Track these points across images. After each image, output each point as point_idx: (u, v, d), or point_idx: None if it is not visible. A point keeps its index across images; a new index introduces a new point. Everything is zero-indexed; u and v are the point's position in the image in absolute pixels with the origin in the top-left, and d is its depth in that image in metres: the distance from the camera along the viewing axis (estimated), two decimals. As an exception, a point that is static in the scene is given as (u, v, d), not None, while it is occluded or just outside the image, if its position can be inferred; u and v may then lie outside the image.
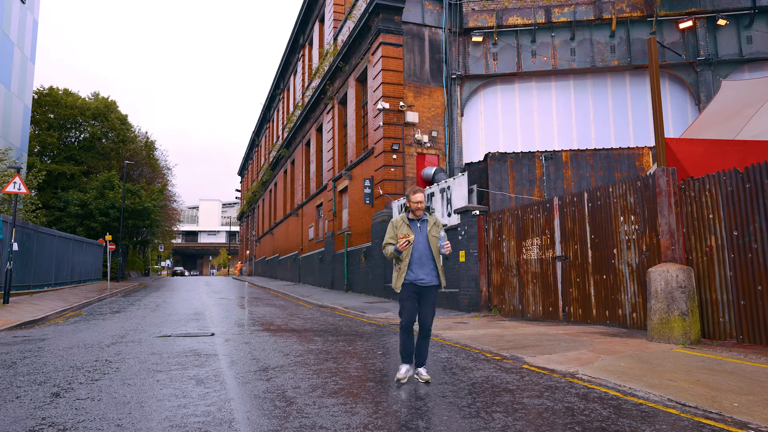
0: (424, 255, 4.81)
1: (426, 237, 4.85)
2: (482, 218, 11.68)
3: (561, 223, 9.44)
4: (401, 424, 3.50)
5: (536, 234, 10.06)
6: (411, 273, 4.75)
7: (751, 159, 7.89)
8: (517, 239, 10.57)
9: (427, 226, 4.90)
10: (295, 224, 30.61)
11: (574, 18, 17.26)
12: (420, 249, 4.81)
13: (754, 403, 3.82)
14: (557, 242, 9.49)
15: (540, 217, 10.00)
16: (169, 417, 3.68)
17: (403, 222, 4.88)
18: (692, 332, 6.50)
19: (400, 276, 4.77)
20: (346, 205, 21.26)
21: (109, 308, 13.51)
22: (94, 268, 27.13)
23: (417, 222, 4.88)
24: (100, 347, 6.97)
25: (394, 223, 4.88)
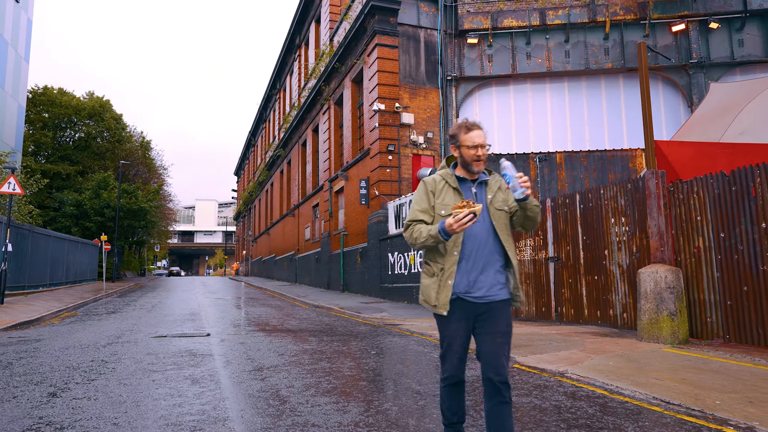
0: (483, 245, 2.58)
1: (487, 212, 2.63)
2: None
3: (554, 225, 9.55)
4: (391, 422, 3.58)
5: (529, 235, 10.16)
6: (461, 277, 2.56)
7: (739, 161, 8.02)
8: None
9: (486, 192, 2.68)
10: (292, 224, 30.66)
11: (569, 20, 17.39)
12: (477, 234, 2.58)
13: (736, 401, 3.93)
14: (550, 243, 9.60)
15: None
16: (165, 416, 3.76)
17: (446, 184, 2.68)
18: (680, 332, 6.61)
19: (445, 285, 2.56)
20: (342, 205, 21.33)
21: (105, 309, 13.54)
22: (89, 268, 27.10)
23: (471, 185, 2.68)
24: (96, 347, 7.02)
25: (428, 186, 2.72)
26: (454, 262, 2.55)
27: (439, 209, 2.62)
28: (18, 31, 25.97)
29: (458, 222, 2.37)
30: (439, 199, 2.64)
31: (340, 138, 22.38)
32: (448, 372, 2.72)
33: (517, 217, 2.70)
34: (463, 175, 2.69)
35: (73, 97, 34.69)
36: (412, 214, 2.69)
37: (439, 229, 2.48)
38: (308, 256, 25.61)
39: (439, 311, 2.59)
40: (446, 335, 2.65)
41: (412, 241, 2.63)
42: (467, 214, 2.35)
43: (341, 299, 15.85)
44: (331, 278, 21.43)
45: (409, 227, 2.67)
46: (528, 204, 2.61)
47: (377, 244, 16.49)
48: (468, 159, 2.63)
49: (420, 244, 2.59)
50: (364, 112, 18.61)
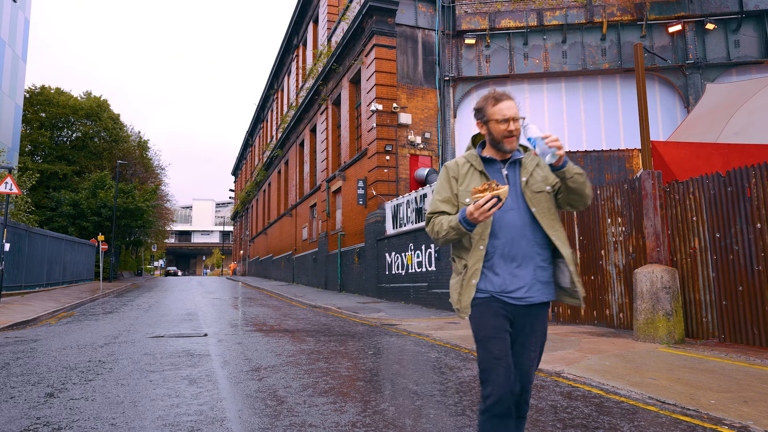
0: (519, 236, 2.19)
1: (521, 196, 2.23)
2: (473, 219, 11.80)
3: (550, 225, 9.57)
4: (388, 422, 3.60)
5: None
6: (493, 275, 2.18)
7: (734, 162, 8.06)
8: (508, 240, 10.69)
9: (521, 173, 2.27)
10: (289, 224, 30.66)
11: (566, 21, 17.43)
12: (511, 224, 2.19)
13: (731, 401, 3.95)
14: (547, 243, 9.63)
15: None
16: (162, 416, 3.77)
17: (470, 167, 2.30)
18: (676, 332, 6.64)
19: (468, 284, 2.19)
20: (340, 205, 21.34)
21: (102, 309, 13.53)
22: (86, 268, 27.05)
23: (500, 166, 2.27)
24: (93, 348, 7.02)
25: (450, 171, 2.33)
26: (480, 258, 2.15)
27: (463, 197, 2.21)
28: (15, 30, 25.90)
29: (479, 209, 1.96)
30: (462, 185, 2.23)
31: (337, 138, 22.39)
32: (493, 391, 2.06)
33: (561, 194, 2.22)
34: (492, 156, 2.27)
35: (71, 96, 34.62)
36: (433, 205, 2.28)
37: (459, 219, 2.06)
38: (306, 256, 25.61)
39: (461, 315, 2.21)
40: (483, 336, 2.14)
41: (434, 236, 2.23)
42: (489, 199, 1.95)
43: (338, 299, 15.86)
44: (328, 278, 21.44)
45: (430, 220, 2.26)
46: (566, 172, 2.10)
47: (375, 244, 16.51)
48: (498, 136, 2.20)
49: (443, 238, 2.18)
50: (362, 113, 18.62)
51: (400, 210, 15.16)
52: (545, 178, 2.24)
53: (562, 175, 2.13)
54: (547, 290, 2.21)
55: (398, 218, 15.28)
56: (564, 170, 2.10)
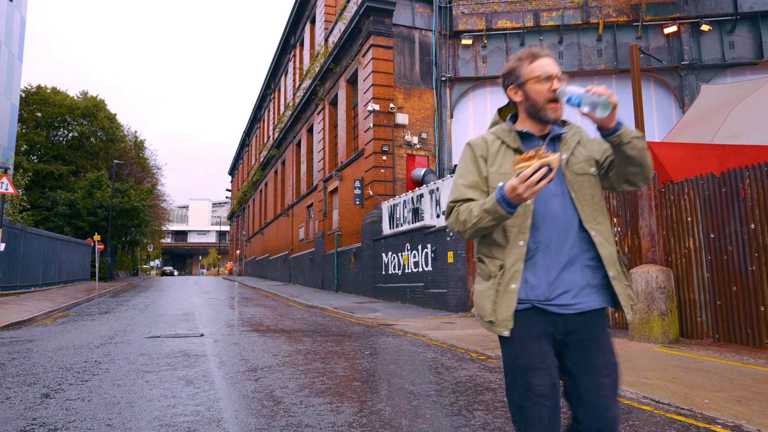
0: (564, 228, 1.76)
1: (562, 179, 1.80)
2: (470, 220, 11.82)
3: (546, 225, 9.61)
4: (385, 422, 3.61)
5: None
6: (534, 278, 1.74)
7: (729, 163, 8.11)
8: (504, 241, 10.72)
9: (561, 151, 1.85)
10: (286, 224, 30.64)
11: (562, 22, 17.48)
12: (554, 213, 1.77)
13: (724, 400, 3.98)
14: (543, 244, 9.66)
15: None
16: (159, 417, 3.77)
17: (501, 144, 1.87)
18: (671, 332, 6.68)
19: (506, 291, 1.72)
20: (337, 205, 21.35)
21: (98, 309, 13.50)
22: (82, 268, 26.97)
23: (539, 142, 1.85)
24: (89, 348, 7.01)
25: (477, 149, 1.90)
26: (520, 257, 1.70)
27: (495, 180, 1.76)
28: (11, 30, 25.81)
29: (525, 182, 1.52)
30: (494, 166, 1.80)
31: (334, 138, 22.39)
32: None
33: (616, 169, 1.77)
34: (529, 130, 1.83)
35: (67, 96, 34.50)
36: (456, 192, 1.84)
37: (497, 198, 1.61)
38: (302, 255, 25.60)
39: (497, 329, 1.70)
40: (521, 365, 1.67)
41: (459, 228, 1.76)
42: (538, 168, 1.51)
43: (335, 299, 15.87)
44: (324, 278, 21.44)
45: (452, 210, 1.81)
46: (622, 135, 1.66)
47: (371, 244, 16.52)
48: (540, 100, 1.76)
49: (472, 228, 1.71)
50: (359, 113, 18.63)
51: (397, 210, 15.18)
52: (588, 157, 1.83)
53: (618, 139, 1.67)
54: (600, 295, 1.74)
55: (395, 218, 15.30)
56: (620, 133, 1.66)
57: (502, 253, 1.74)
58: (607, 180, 1.85)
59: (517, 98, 1.86)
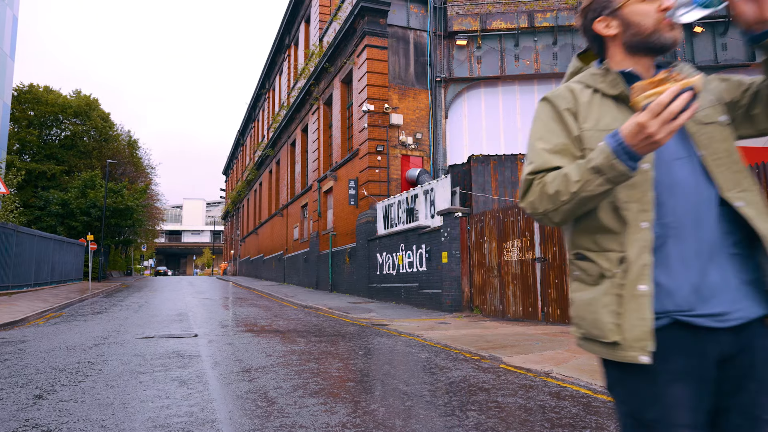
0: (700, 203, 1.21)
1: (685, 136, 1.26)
2: (465, 220, 11.86)
3: (540, 226, 9.65)
4: (378, 422, 3.63)
5: (517, 236, 10.26)
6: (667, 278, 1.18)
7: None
8: (498, 241, 10.77)
9: None
10: (280, 224, 30.59)
11: (556, 23, 17.56)
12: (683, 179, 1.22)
13: None
14: (537, 244, 9.71)
15: (520, 220, 10.20)
16: (152, 417, 3.76)
17: (594, 93, 1.34)
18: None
19: (634, 295, 1.16)
20: (331, 205, 21.34)
21: (91, 309, 13.43)
22: (74, 268, 26.82)
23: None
24: (83, 349, 6.98)
25: (559, 103, 1.35)
26: (646, 245, 1.19)
27: (593, 140, 1.27)
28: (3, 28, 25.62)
29: (658, 116, 1.07)
30: (588, 122, 1.30)
31: (329, 138, 22.38)
32: None
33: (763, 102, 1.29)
34: (631, 69, 1.34)
35: (60, 95, 34.29)
36: (536, 160, 1.31)
37: (612, 147, 1.13)
38: (297, 255, 25.57)
39: (627, 354, 1.16)
40: (652, 419, 1.16)
41: (546, 206, 1.26)
42: (677, 93, 1.06)
43: (329, 299, 15.86)
44: (319, 278, 21.43)
45: (531, 185, 1.30)
46: None
47: (366, 245, 16.53)
48: (647, 23, 1.28)
49: (568, 202, 1.22)
50: (354, 113, 18.63)
51: (391, 210, 15.19)
52: (715, 101, 1.32)
53: None
54: (760, 296, 1.21)
55: (389, 218, 15.32)
56: None
57: (618, 241, 1.22)
58: (749, 122, 1.34)
59: (611, 31, 1.35)
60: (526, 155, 1.38)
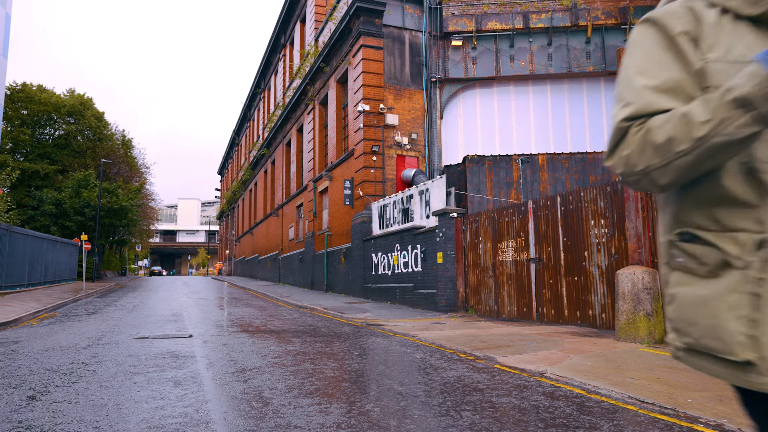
0: None
1: None
2: (460, 220, 11.89)
3: (535, 226, 9.68)
4: (373, 423, 3.63)
5: (511, 236, 10.29)
6: None
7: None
8: (493, 241, 10.80)
9: None
10: (276, 224, 30.54)
11: (551, 24, 17.61)
12: None
13: (707, 399, 4.06)
14: (531, 244, 9.74)
15: (515, 220, 10.24)
16: (147, 418, 3.76)
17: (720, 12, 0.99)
18: (657, 332, 6.77)
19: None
20: (327, 205, 21.32)
21: (85, 309, 13.37)
22: (68, 268, 26.68)
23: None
24: (76, 349, 6.95)
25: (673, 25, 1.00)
26: None
27: (721, 74, 0.97)
28: (-5, 26, 25.43)
29: None
30: (715, 50, 0.99)
31: (324, 138, 22.36)
32: None
33: None
34: None
35: (53, 94, 34.10)
36: (636, 99, 1.01)
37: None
38: (292, 256, 25.53)
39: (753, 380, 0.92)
40: None
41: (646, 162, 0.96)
42: None
43: (325, 299, 15.85)
44: (314, 278, 21.41)
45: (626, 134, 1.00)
46: None
47: (361, 245, 16.53)
48: None
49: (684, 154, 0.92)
50: (349, 113, 18.63)
51: (387, 210, 15.20)
52: None
53: None
54: None
55: (385, 219, 15.33)
56: None
57: (753, 217, 0.94)
58: None
59: None
60: (619, 95, 1.06)
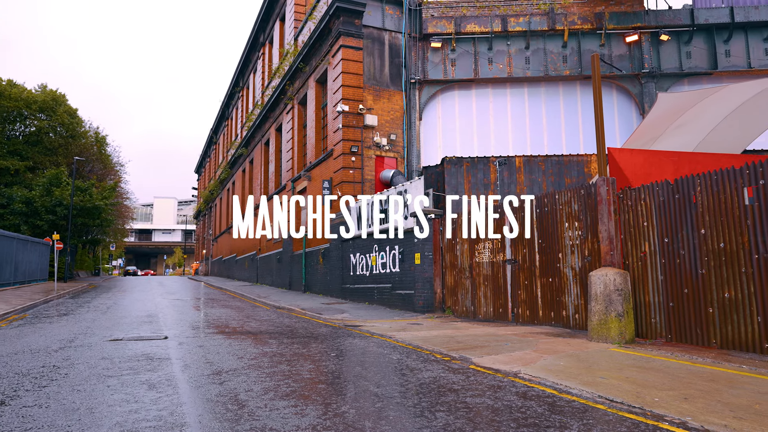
0: None
1: None
2: (438, 222, 11.98)
3: (510, 228, 9.82)
4: (348, 424, 3.67)
5: (488, 238, 10.41)
6: None
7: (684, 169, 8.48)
8: (470, 242, 10.91)
9: None
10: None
11: (529, 28, 17.86)
12: None
13: (673, 398, 4.19)
14: (507, 246, 9.88)
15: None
16: (120, 422, 3.72)
17: None
18: (627, 332, 6.94)
19: None
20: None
21: (57, 310, 13.08)
22: (39, 268, 26.04)
23: None
24: (47, 352, 6.82)
25: None
26: None
27: None
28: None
29: None
30: None
31: (303, 138, 22.27)
32: None
33: None
34: None
35: (24, 89, 33.21)
36: None
37: None
38: (270, 256, 25.36)
39: None
40: None
41: None
42: None
43: (303, 300, 15.80)
44: (292, 279, 21.31)
45: None
46: None
47: (339, 245, 16.52)
48: None
49: None
50: (328, 113, 18.59)
51: (365, 211, 15.22)
52: None
53: None
54: None
55: (363, 219, 15.34)
56: None
57: None
58: None
59: None
60: None
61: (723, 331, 6.16)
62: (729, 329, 6.10)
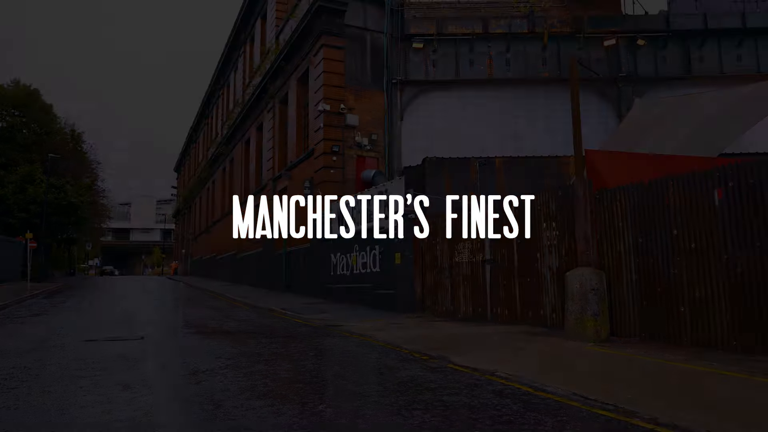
0: None
1: None
2: (418, 221, 12.02)
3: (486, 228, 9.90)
4: (325, 423, 3.67)
5: (468, 239, 10.49)
6: None
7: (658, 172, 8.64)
8: (450, 242, 10.98)
9: None
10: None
11: (510, 30, 18.03)
12: None
13: (643, 394, 4.28)
14: (486, 246, 9.97)
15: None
16: (92, 423, 3.66)
17: None
18: (602, 331, 7.06)
19: None
20: (286, 205, 21.10)
21: (29, 311, 12.79)
22: (11, 267, 25.44)
23: None
24: (18, 353, 6.67)
25: None
26: None
27: None
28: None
29: None
30: None
31: (284, 137, 22.14)
32: None
33: None
34: None
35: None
36: None
37: None
38: (251, 255, 25.16)
39: None
40: None
41: None
42: None
43: (283, 300, 15.71)
44: (273, 279, 21.17)
45: None
46: None
47: (320, 245, 16.47)
48: None
49: None
50: (310, 112, 18.53)
51: (346, 211, 15.20)
52: None
53: None
54: None
55: (344, 219, 15.32)
56: None
57: None
58: None
59: None
60: None
61: (694, 329, 6.31)
62: (699, 327, 6.25)
